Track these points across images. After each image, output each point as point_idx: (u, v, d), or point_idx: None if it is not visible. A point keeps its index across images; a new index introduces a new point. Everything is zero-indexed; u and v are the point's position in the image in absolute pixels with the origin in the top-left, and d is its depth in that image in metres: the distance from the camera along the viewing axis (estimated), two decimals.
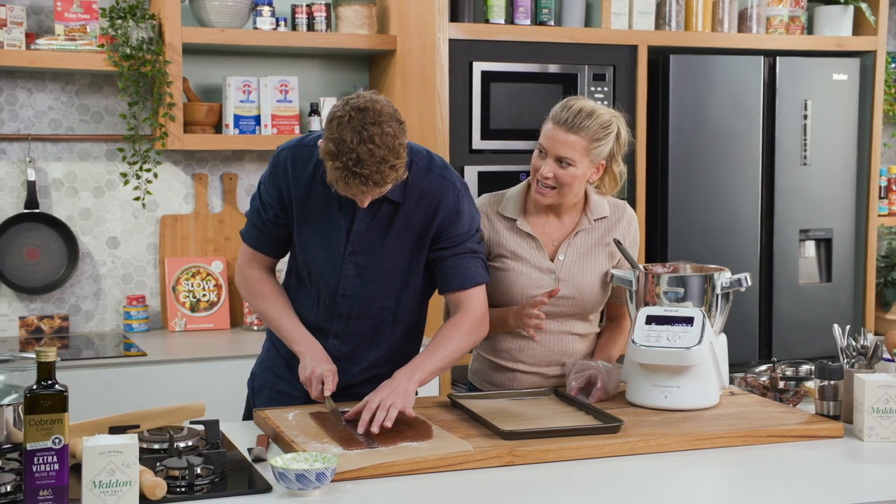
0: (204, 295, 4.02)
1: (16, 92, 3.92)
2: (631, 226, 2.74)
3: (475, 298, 2.51)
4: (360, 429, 2.23)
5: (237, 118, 3.96)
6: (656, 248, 4.11)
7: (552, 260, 2.67)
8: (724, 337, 2.60)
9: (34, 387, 1.75)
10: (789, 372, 2.82)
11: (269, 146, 3.96)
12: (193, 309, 4.00)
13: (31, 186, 3.89)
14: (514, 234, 2.68)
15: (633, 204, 4.06)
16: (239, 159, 4.18)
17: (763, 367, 2.83)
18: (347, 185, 2.25)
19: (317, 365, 2.43)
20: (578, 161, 2.57)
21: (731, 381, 2.79)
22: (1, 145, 3.91)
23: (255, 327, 4.01)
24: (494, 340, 2.72)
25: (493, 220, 2.70)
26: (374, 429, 2.21)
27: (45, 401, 1.74)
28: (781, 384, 2.72)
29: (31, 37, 3.78)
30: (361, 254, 2.47)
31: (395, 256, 2.49)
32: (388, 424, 2.23)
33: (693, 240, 4.11)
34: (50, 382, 1.76)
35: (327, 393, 2.39)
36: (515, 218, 2.68)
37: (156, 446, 2.14)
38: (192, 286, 4.01)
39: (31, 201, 3.90)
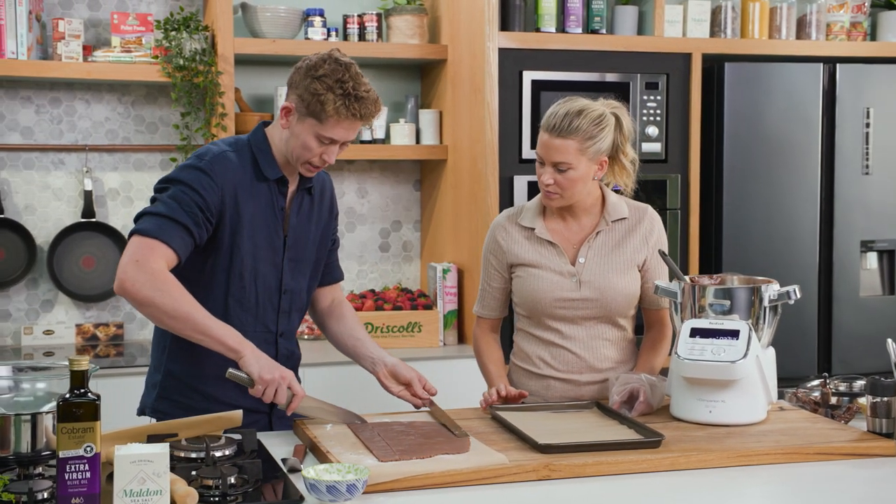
0: None
1: (74, 103, 3.99)
2: (654, 227, 2.72)
3: (341, 289, 2.81)
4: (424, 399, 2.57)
5: None
6: (710, 259, 4.04)
7: (573, 264, 2.65)
8: (772, 350, 2.54)
9: (67, 395, 1.77)
10: (843, 387, 2.74)
11: None
12: None
13: (87, 196, 3.96)
14: (533, 242, 2.68)
15: (686, 214, 4.01)
16: None
17: (815, 382, 2.75)
18: (352, 112, 2.36)
19: (276, 371, 2.29)
20: (575, 163, 2.57)
21: (782, 396, 2.72)
22: (59, 156, 3.99)
23: (306, 336, 4.02)
24: (527, 350, 2.73)
25: (511, 232, 2.71)
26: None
27: (78, 409, 1.75)
28: (834, 400, 2.64)
29: (88, 49, 3.84)
30: (293, 248, 2.55)
31: (315, 248, 2.62)
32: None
33: (749, 251, 4.03)
34: (83, 391, 1.77)
35: (296, 402, 2.34)
36: (533, 227, 2.68)
37: (193, 455, 2.15)
38: None
39: (88, 210, 3.97)
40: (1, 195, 3.89)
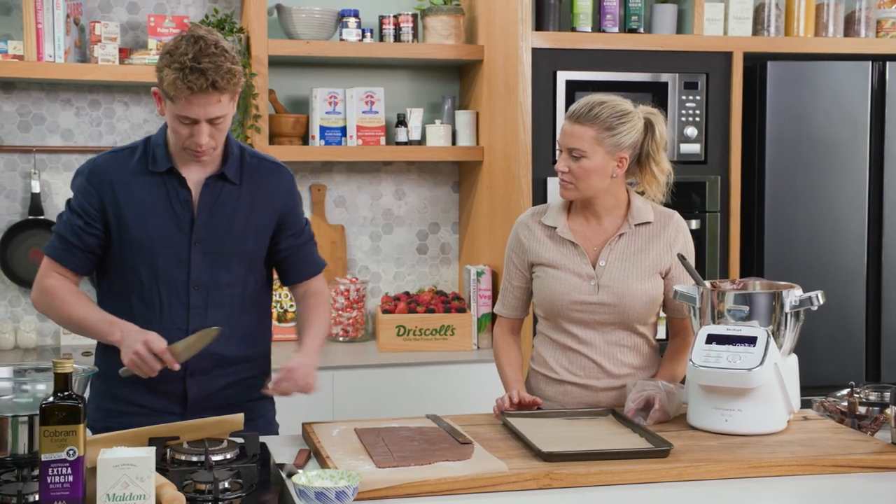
0: (291, 306, 4.04)
1: (113, 105, 4.02)
2: (679, 233, 2.64)
3: (322, 280, 2.70)
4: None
5: (323, 129, 3.98)
6: (752, 263, 3.94)
7: (594, 266, 2.59)
8: (794, 358, 2.46)
9: (51, 398, 1.77)
10: (873, 396, 2.63)
11: (355, 157, 3.97)
12: (280, 319, 4.02)
13: None
14: (554, 242, 2.64)
15: (726, 216, 3.92)
16: (328, 171, 4.19)
17: (844, 391, 2.65)
18: (188, 85, 2.26)
19: (136, 341, 2.29)
20: (590, 152, 2.52)
21: (810, 405, 2.63)
22: None
23: (341, 338, 4.01)
24: (545, 354, 2.68)
25: (533, 230, 2.67)
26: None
27: (61, 412, 1.75)
28: (863, 410, 2.54)
29: (125, 52, 3.87)
30: (207, 241, 2.47)
31: (243, 241, 2.51)
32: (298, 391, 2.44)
33: (793, 254, 3.92)
34: (66, 394, 1.77)
35: (168, 357, 2.30)
36: (556, 226, 2.63)
37: (194, 459, 2.14)
38: (280, 297, 4.03)
39: None
40: (41, 197, 3.94)
